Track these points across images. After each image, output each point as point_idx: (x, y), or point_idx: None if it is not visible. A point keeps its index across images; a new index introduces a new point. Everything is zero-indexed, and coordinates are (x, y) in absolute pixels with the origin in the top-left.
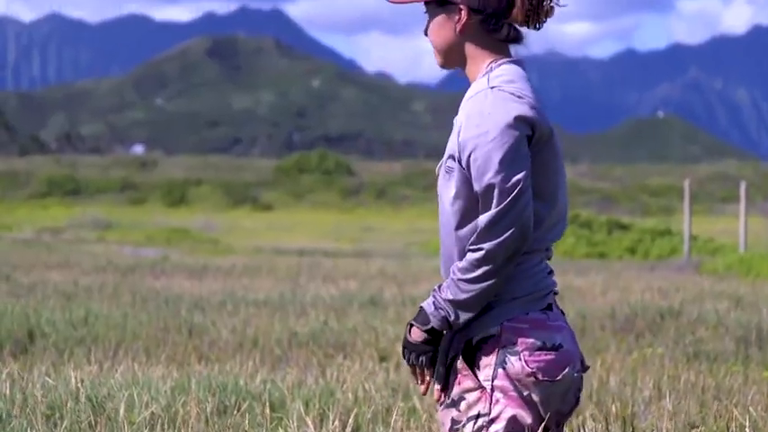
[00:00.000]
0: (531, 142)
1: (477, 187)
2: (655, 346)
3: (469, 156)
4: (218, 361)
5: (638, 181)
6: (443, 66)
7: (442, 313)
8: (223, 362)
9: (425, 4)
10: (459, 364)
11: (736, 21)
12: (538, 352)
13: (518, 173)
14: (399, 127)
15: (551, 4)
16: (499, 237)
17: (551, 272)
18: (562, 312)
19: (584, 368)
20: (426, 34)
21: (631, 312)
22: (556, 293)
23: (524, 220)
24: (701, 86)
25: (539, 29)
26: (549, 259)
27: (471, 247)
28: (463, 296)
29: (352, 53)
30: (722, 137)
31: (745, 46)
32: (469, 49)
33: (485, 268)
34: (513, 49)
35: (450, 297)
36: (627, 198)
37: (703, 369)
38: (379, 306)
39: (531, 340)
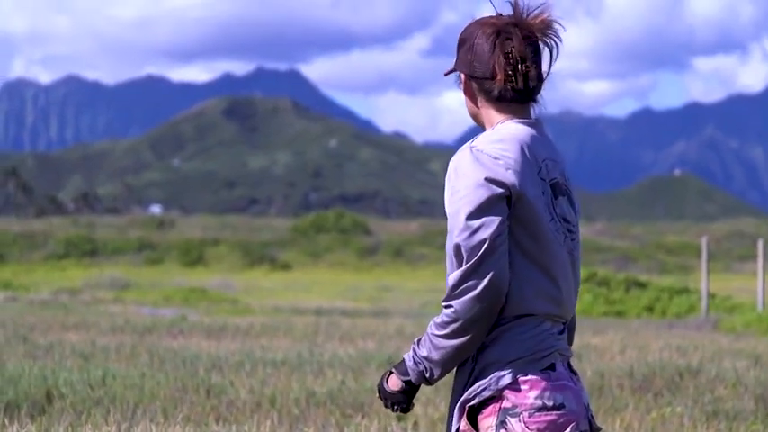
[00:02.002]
0: (510, 202)
1: (448, 245)
2: (674, 405)
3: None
4: (236, 421)
5: (655, 239)
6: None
7: (420, 368)
8: (241, 422)
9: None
10: (464, 425)
11: (753, 79)
12: (538, 413)
13: (484, 232)
14: (416, 186)
15: (526, 70)
16: (466, 295)
17: (562, 332)
18: (574, 372)
19: (594, 429)
20: None
21: (650, 371)
22: (563, 354)
23: (493, 279)
24: (717, 145)
25: (531, 89)
26: (561, 324)
27: (443, 304)
28: (435, 353)
29: (369, 113)
30: (738, 195)
31: (762, 104)
32: (483, 111)
33: (454, 326)
34: (534, 109)
35: (425, 354)
36: (644, 256)
37: (723, 428)
38: None
39: (531, 401)
